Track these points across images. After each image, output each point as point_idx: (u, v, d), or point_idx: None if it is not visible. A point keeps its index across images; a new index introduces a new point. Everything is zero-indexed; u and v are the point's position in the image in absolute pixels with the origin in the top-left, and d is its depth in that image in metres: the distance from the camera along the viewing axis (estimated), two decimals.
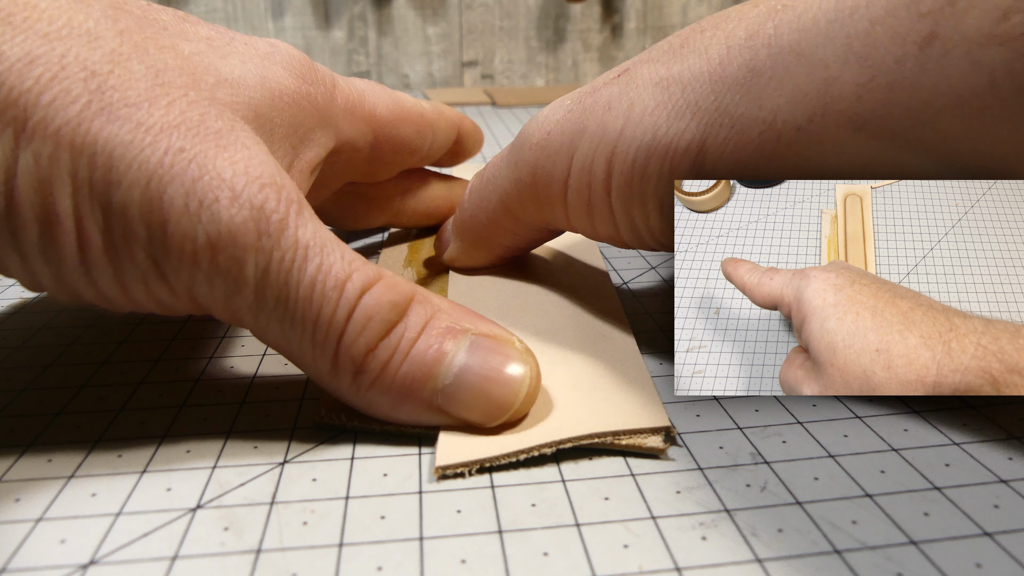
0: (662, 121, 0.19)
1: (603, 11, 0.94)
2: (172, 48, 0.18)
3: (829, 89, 0.16)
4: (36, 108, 0.15)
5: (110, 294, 0.17)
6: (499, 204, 0.24)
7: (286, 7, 0.88)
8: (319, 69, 0.23)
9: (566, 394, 0.19)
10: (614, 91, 0.20)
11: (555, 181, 0.21)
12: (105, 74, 0.16)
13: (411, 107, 0.27)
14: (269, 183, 0.17)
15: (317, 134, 0.22)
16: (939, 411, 0.19)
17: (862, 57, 0.15)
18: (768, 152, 0.17)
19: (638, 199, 0.20)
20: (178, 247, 0.16)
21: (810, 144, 0.16)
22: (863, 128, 0.16)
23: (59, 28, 0.16)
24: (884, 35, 0.15)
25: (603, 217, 0.21)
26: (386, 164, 0.28)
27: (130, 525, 0.15)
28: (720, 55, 0.18)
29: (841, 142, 0.16)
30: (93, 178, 0.15)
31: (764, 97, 0.17)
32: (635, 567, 0.14)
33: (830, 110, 0.16)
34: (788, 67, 0.16)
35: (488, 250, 0.26)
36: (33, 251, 0.16)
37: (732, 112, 0.17)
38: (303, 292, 0.16)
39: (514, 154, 0.23)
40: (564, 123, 0.21)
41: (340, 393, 0.18)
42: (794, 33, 0.16)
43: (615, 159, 0.20)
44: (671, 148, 0.18)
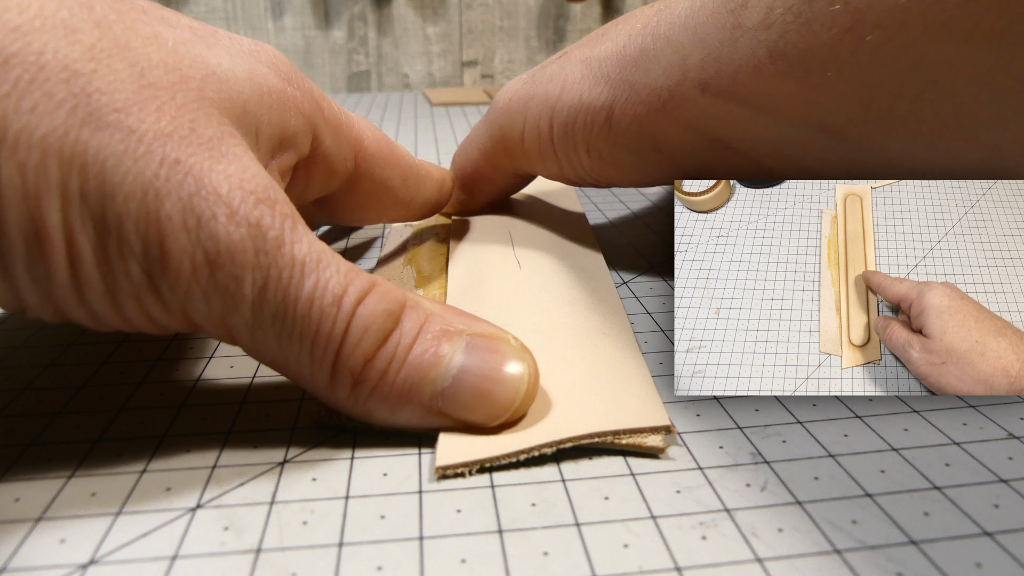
0: (585, 88, 0.25)
1: (603, 11, 0.94)
2: (155, 38, 0.17)
3: (685, 63, 0.22)
4: (17, 114, 0.14)
5: (100, 312, 0.16)
6: (479, 156, 0.30)
7: (286, 7, 0.88)
8: (305, 79, 0.22)
9: (566, 394, 0.19)
10: (555, 68, 0.27)
11: (515, 134, 0.28)
12: (88, 74, 0.15)
13: (402, 153, 0.27)
14: (264, 199, 0.16)
15: (298, 138, 0.21)
16: (939, 411, 0.19)
17: (702, 40, 0.21)
18: (655, 109, 0.23)
19: (571, 145, 0.26)
20: (176, 263, 0.15)
21: (678, 102, 0.22)
22: (707, 89, 0.21)
23: (31, 19, 0.15)
24: (712, 25, 0.21)
25: (551, 160, 0.28)
26: (363, 203, 0.27)
27: (130, 525, 0.15)
28: (624, 40, 0.24)
29: (696, 100, 0.22)
30: (85, 190, 0.15)
31: (649, 70, 0.23)
32: (635, 567, 0.14)
33: (686, 77, 0.22)
34: (662, 48, 0.22)
35: (474, 195, 0.32)
36: (19, 268, 0.15)
37: (630, 80, 0.24)
38: (301, 309, 0.16)
39: (487, 116, 0.30)
40: (520, 91, 0.28)
41: (338, 404, 0.17)
42: (667, 25, 0.23)
43: (555, 117, 0.26)
44: (591, 107, 0.25)
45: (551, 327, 0.22)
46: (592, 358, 0.20)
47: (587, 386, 0.19)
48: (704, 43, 0.21)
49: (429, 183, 0.28)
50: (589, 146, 0.26)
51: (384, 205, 0.27)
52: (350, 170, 0.25)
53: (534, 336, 0.21)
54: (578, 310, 0.23)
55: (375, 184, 0.26)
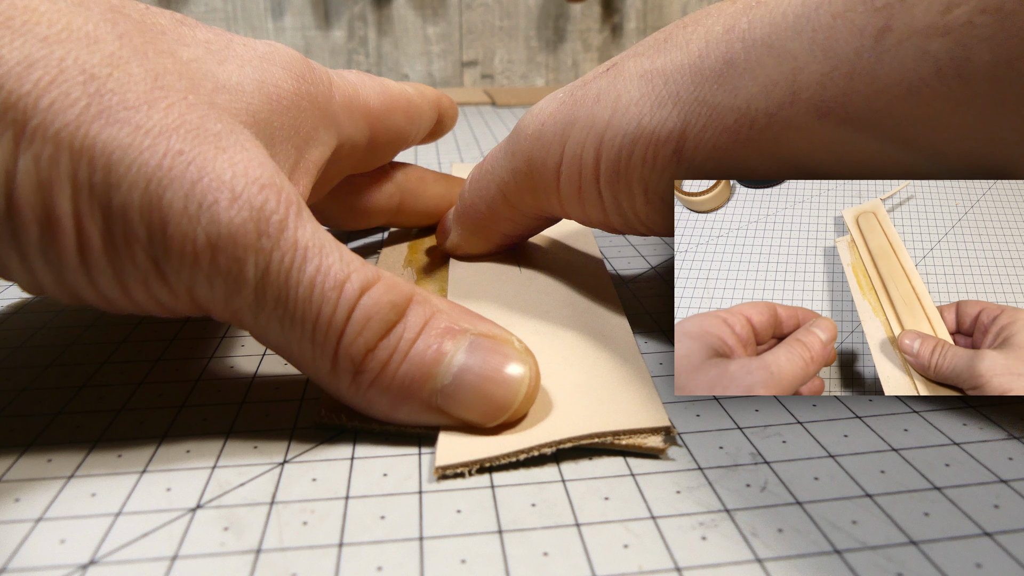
0: (646, 111, 0.20)
1: (603, 11, 0.94)
2: (171, 54, 0.18)
3: (796, 79, 0.17)
4: (36, 111, 0.15)
5: (111, 295, 0.17)
6: (497, 192, 0.25)
7: (286, 7, 0.88)
8: (316, 68, 0.23)
9: (566, 394, 0.19)
10: (603, 84, 0.21)
11: (548, 169, 0.23)
12: (104, 77, 0.16)
13: (399, 94, 0.27)
14: (268, 184, 0.17)
15: (320, 133, 0.22)
16: (939, 411, 0.19)
17: (825, 49, 0.16)
18: (743, 138, 0.18)
19: (624, 185, 0.21)
20: (178, 248, 0.16)
21: (780, 130, 0.18)
22: (828, 115, 0.17)
23: (58, 32, 0.16)
24: (844, 28, 0.16)
25: (593, 203, 0.22)
26: (381, 153, 0.28)
27: (130, 525, 0.15)
28: (699, 49, 0.19)
29: (808, 128, 0.17)
30: (93, 180, 0.15)
31: (739, 87, 0.18)
32: (635, 567, 0.14)
33: (797, 98, 0.17)
34: (760, 59, 0.18)
35: (487, 238, 0.27)
36: (33, 252, 0.16)
37: (710, 101, 0.19)
38: (303, 292, 0.16)
39: (511, 145, 0.24)
40: (557, 114, 0.22)
41: (340, 393, 0.18)
42: (765, 27, 0.18)
43: (603, 147, 0.21)
44: (654, 136, 0.20)
45: (551, 328, 0.22)
46: (592, 359, 0.20)
47: (587, 386, 0.19)
48: (829, 52, 0.16)
49: (427, 107, 0.29)
50: (648, 186, 0.20)
51: (396, 145, 0.28)
52: (367, 137, 0.26)
53: (534, 337, 0.21)
54: (578, 311, 0.23)
55: (387, 134, 0.27)
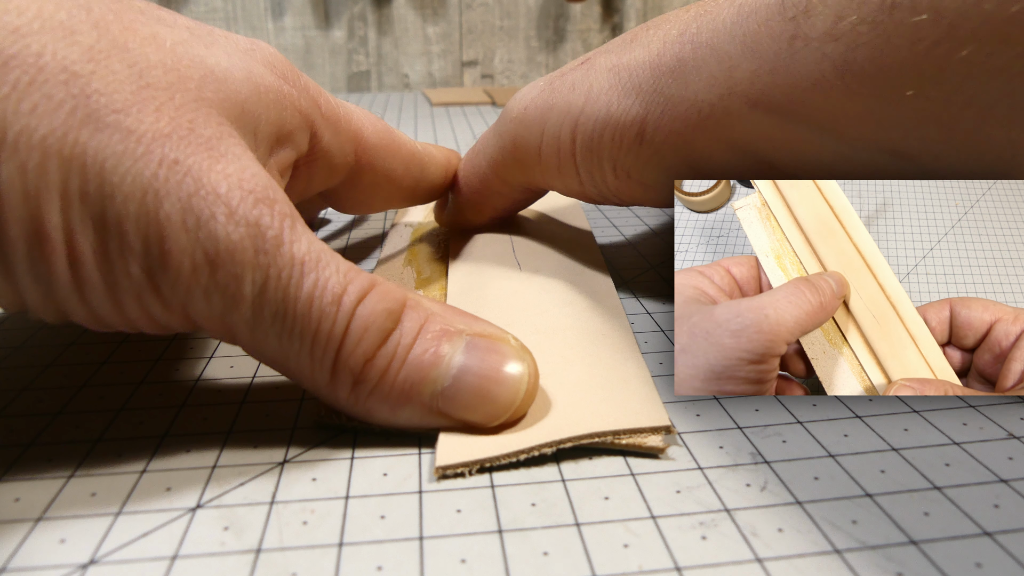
0: (614, 99, 0.23)
1: (603, 11, 0.94)
2: (153, 38, 0.17)
3: (732, 75, 0.20)
4: (17, 116, 0.14)
5: (102, 312, 0.16)
6: (488, 168, 0.28)
7: (286, 7, 0.88)
8: (302, 75, 0.22)
9: (566, 394, 0.19)
10: (578, 75, 0.24)
11: (531, 147, 0.26)
12: (87, 75, 0.15)
13: (403, 141, 0.27)
14: (263, 198, 0.16)
15: (296, 136, 0.21)
16: (939, 411, 0.19)
17: (753, 50, 0.19)
18: (693, 124, 0.21)
19: (596, 162, 0.24)
20: (176, 262, 0.16)
21: (722, 117, 0.20)
22: (757, 105, 0.20)
23: (30, 21, 0.15)
24: (766, 34, 0.19)
25: (571, 176, 0.25)
26: (368, 192, 0.27)
27: (130, 525, 0.15)
28: (658, 48, 0.22)
29: (743, 116, 0.20)
30: (84, 191, 0.15)
31: (689, 81, 0.21)
32: (635, 567, 0.14)
33: (733, 91, 0.20)
34: (704, 58, 0.20)
35: (481, 211, 0.30)
36: (21, 269, 0.15)
37: (666, 93, 0.21)
38: (301, 307, 0.16)
39: (499, 127, 0.27)
40: (537, 100, 0.25)
41: (339, 403, 0.17)
42: (709, 32, 0.20)
43: (578, 130, 0.24)
44: (621, 121, 0.23)
45: (551, 327, 0.22)
46: (592, 358, 0.20)
47: (587, 386, 0.19)
48: (756, 54, 0.19)
49: (434, 167, 0.28)
50: (616, 163, 0.24)
51: (389, 193, 0.27)
52: (351, 163, 0.25)
53: (534, 336, 0.21)
54: (578, 310, 0.23)
55: (378, 174, 0.26)
